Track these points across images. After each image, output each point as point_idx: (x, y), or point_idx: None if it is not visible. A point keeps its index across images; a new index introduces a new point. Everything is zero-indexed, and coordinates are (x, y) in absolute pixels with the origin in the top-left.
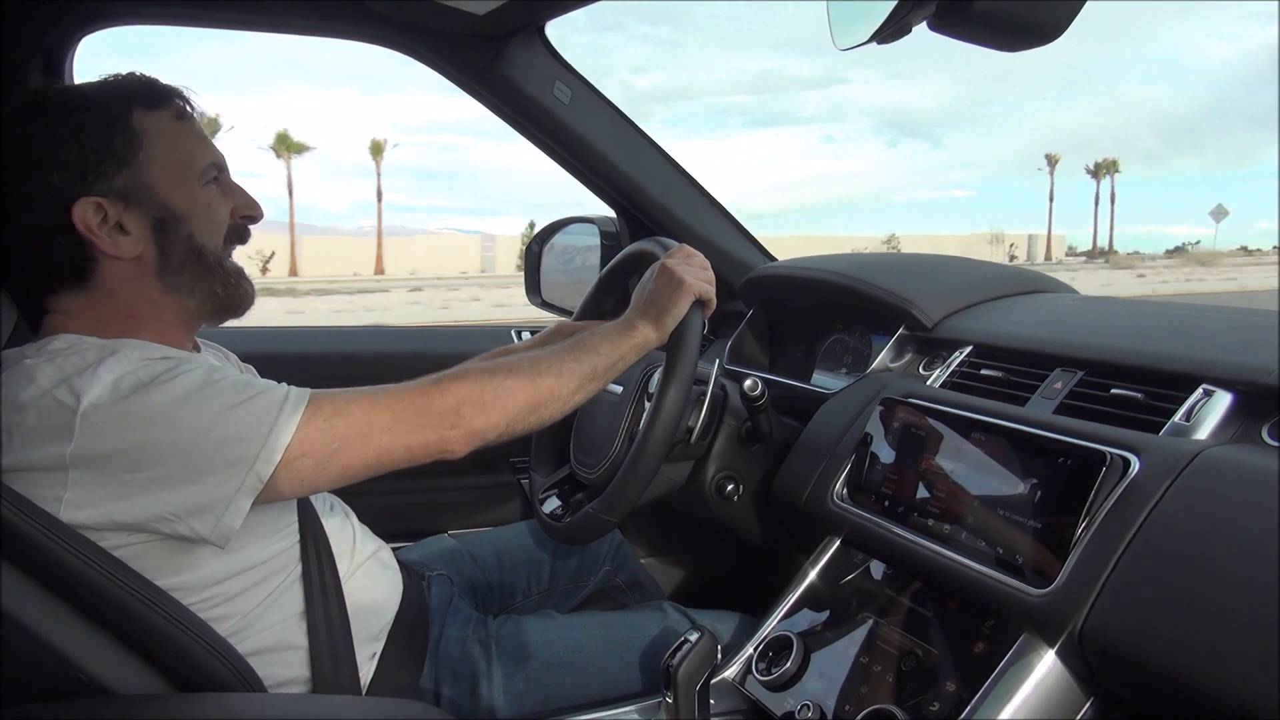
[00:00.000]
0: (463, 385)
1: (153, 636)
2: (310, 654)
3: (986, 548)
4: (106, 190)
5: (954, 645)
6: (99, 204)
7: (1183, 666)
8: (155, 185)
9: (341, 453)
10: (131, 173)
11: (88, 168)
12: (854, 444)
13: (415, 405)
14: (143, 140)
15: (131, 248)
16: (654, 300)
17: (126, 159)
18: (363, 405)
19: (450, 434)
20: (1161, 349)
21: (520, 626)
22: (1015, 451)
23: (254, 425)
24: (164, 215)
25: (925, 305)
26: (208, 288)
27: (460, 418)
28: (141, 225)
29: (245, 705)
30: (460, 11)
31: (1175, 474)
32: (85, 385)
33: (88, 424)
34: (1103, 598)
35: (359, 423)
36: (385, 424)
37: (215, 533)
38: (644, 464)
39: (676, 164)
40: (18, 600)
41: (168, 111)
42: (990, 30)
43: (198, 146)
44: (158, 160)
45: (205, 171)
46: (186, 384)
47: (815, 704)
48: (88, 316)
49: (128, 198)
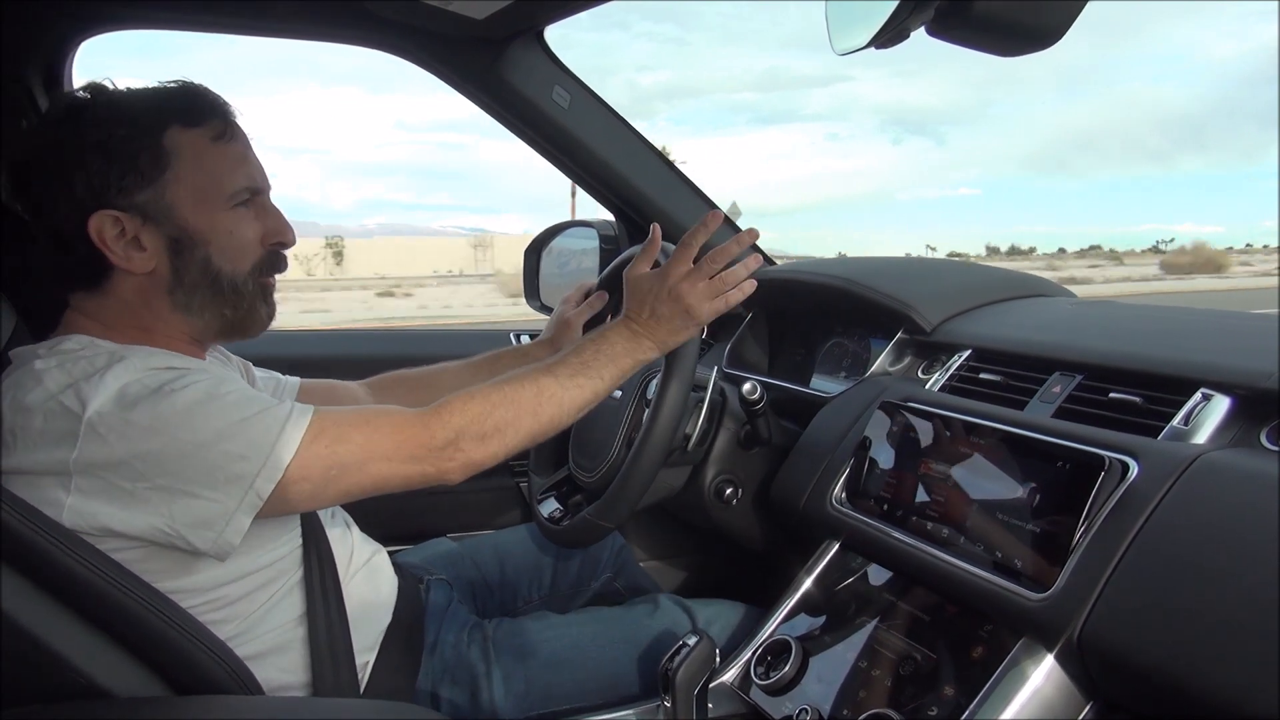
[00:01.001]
0: (463, 416)
1: (151, 639)
2: (309, 657)
3: (985, 552)
4: (127, 205)
5: (952, 650)
6: (117, 218)
7: (1182, 671)
8: (176, 206)
9: (340, 479)
10: (155, 191)
11: (111, 181)
12: (853, 447)
13: (415, 437)
14: (171, 160)
15: (144, 264)
16: (660, 320)
17: (152, 177)
18: (364, 432)
19: (448, 466)
20: (1160, 353)
21: (518, 628)
22: (1014, 455)
23: (256, 442)
24: (181, 236)
25: (924, 309)
26: (217, 310)
27: (459, 450)
28: (157, 243)
29: (243, 708)
30: (460, 16)
31: (1174, 478)
32: (91, 392)
33: (92, 431)
34: (1101, 602)
35: (359, 450)
36: (385, 453)
37: (214, 547)
38: (640, 471)
39: (675, 168)
40: (15, 602)
41: (206, 130)
42: (988, 35)
43: (230, 169)
44: (184, 182)
45: (236, 195)
46: (191, 396)
47: (814, 708)
48: (101, 319)
49: (147, 215)
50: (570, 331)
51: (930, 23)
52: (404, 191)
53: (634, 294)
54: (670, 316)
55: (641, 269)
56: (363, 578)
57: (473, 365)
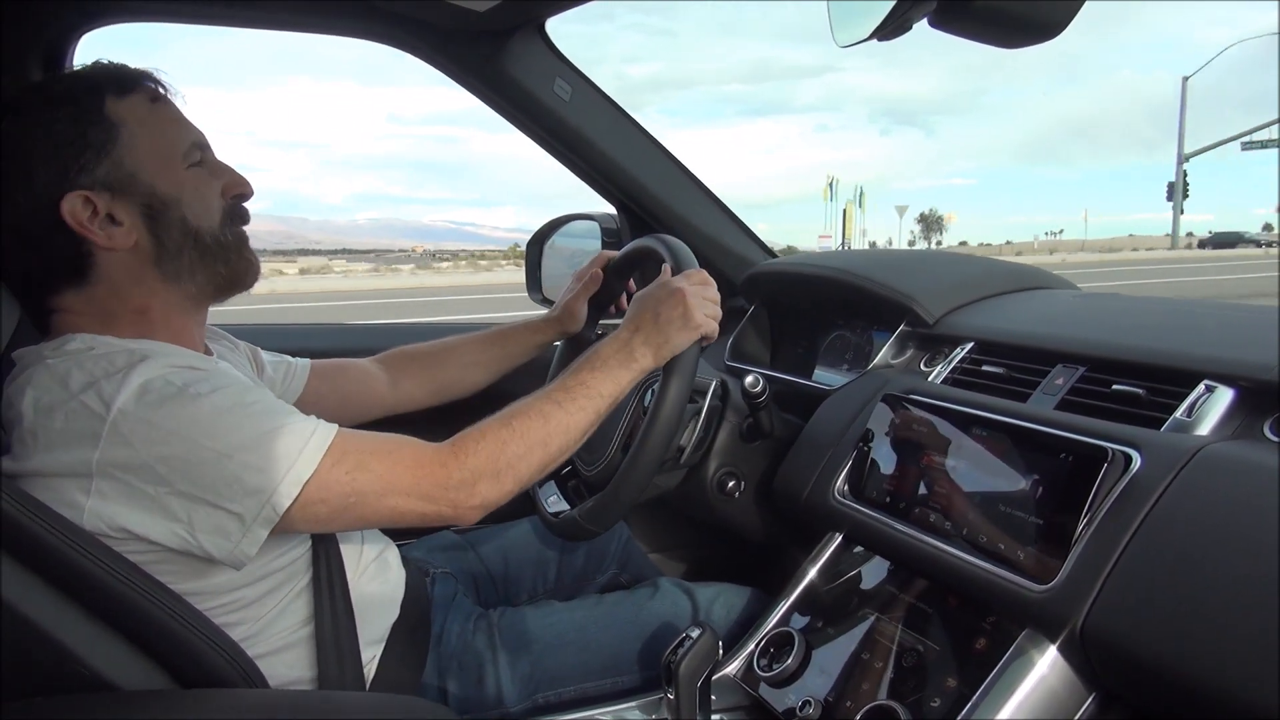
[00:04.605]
0: (479, 456)
1: (158, 633)
2: (315, 653)
3: (988, 544)
4: (91, 182)
5: (955, 642)
6: (86, 197)
7: (1184, 663)
8: (139, 172)
9: (357, 506)
10: (113, 162)
11: (67, 163)
12: (855, 440)
13: (433, 475)
14: (119, 128)
15: (125, 238)
16: (659, 328)
17: (106, 148)
18: (386, 463)
19: (465, 509)
20: (1163, 345)
21: (521, 615)
22: (1016, 448)
23: (278, 456)
24: (152, 202)
25: (926, 302)
26: (209, 268)
27: (475, 491)
28: (132, 214)
29: (250, 701)
30: (461, 8)
31: (1177, 470)
32: (114, 392)
33: (115, 431)
34: (1104, 594)
35: (379, 481)
36: (404, 488)
37: (230, 557)
38: (631, 484)
39: (676, 160)
40: (21, 594)
41: (140, 96)
42: (991, 27)
43: (176, 128)
44: (138, 146)
45: (189, 153)
46: (217, 402)
47: (816, 700)
48: (94, 314)
49: (113, 188)
50: (574, 312)
51: (933, 15)
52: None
53: (639, 300)
54: (670, 321)
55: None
56: (372, 573)
57: (482, 339)
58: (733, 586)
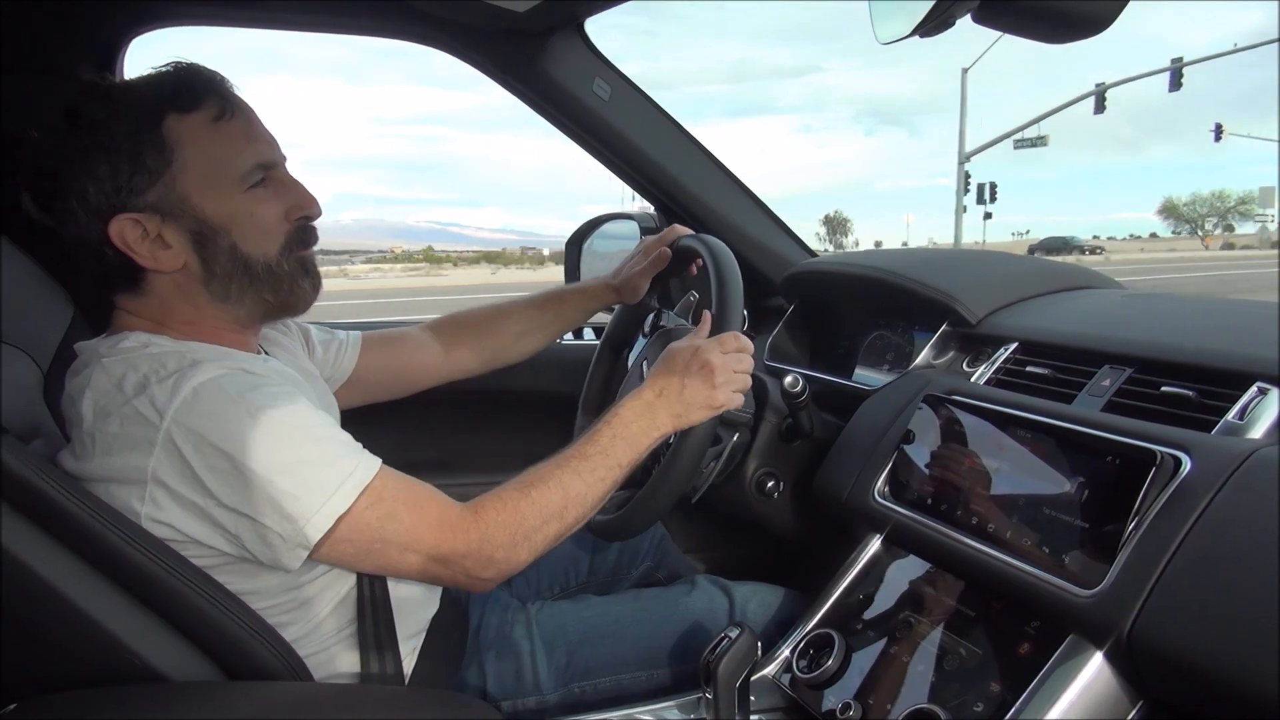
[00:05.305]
0: (497, 526)
1: (206, 625)
2: (358, 649)
3: (1032, 547)
4: (142, 206)
5: (998, 645)
6: (136, 220)
7: (1234, 672)
8: (190, 197)
9: (381, 553)
10: (165, 186)
11: (120, 184)
12: (896, 441)
13: (452, 541)
14: (174, 151)
15: (172, 261)
16: (683, 399)
17: (158, 172)
18: (413, 517)
19: (477, 578)
20: (1214, 345)
21: (558, 608)
22: (1062, 450)
23: (316, 486)
24: (202, 228)
25: (969, 301)
26: (256, 295)
27: (490, 563)
28: (181, 238)
29: (295, 694)
30: (501, 9)
31: (1228, 474)
32: (167, 400)
33: (168, 441)
34: (1152, 600)
35: (404, 534)
36: (425, 547)
37: (278, 564)
38: (647, 513)
39: (717, 160)
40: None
41: (204, 114)
42: (1035, 22)
43: (237, 149)
44: (193, 169)
45: (249, 175)
46: (267, 421)
47: (856, 703)
48: (149, 317)
49: (164, 211)
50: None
51: (976, 10)
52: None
53: (669, 359)
54: (695, 394)
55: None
56: None
57: (535, 303)
58: (768, 586)
